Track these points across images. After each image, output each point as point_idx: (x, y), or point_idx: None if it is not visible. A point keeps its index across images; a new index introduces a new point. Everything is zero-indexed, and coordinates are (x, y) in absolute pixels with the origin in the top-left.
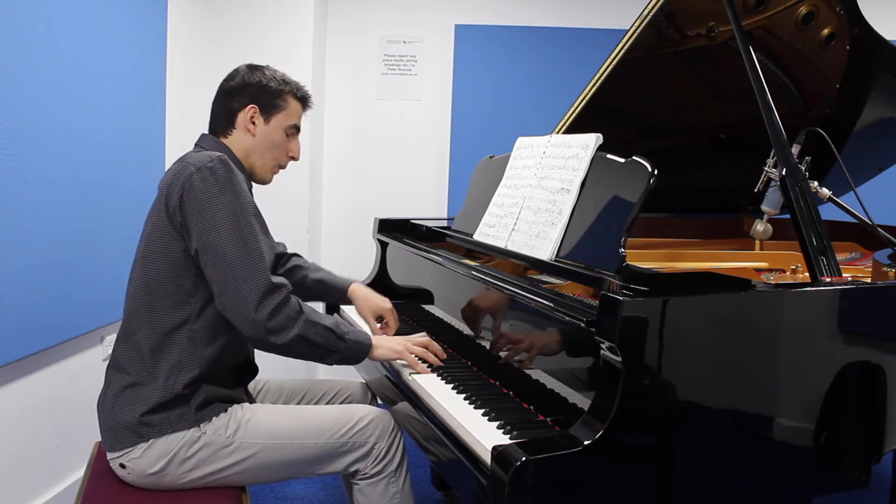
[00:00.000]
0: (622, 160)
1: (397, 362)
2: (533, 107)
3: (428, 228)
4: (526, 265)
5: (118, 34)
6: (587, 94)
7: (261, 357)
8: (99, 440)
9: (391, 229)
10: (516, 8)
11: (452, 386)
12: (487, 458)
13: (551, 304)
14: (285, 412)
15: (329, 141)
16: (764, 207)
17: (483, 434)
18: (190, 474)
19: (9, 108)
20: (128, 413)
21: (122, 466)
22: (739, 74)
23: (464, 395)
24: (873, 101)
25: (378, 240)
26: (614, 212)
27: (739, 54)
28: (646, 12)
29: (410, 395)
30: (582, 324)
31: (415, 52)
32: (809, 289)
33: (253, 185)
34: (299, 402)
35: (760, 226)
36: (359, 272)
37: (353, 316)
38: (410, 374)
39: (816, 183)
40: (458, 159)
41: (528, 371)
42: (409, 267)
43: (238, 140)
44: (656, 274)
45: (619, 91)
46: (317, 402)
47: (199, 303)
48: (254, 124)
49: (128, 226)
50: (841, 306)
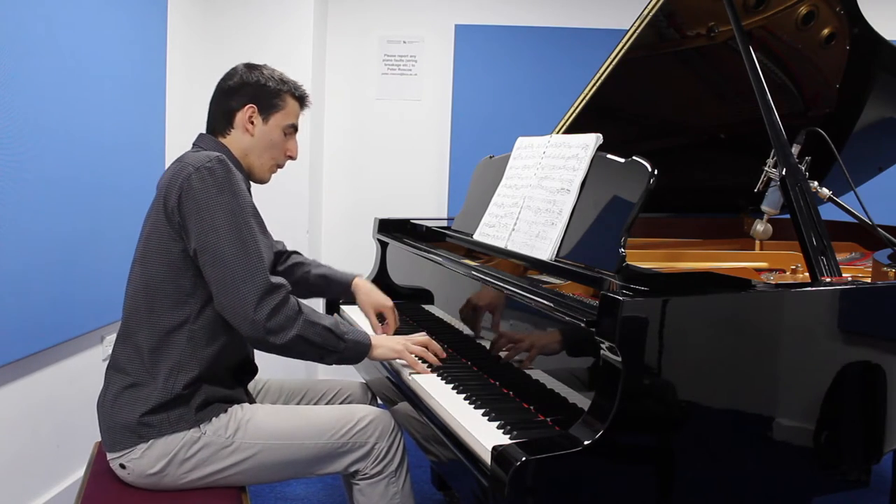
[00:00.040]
0: (622, 160)
1: (397, 362)
2: (533, 107)
3: (428, 228)
4: (526, 265)
5: (118, 34)
6: (587, 94)
7: (260, 357)
8: (99, 440)
9: (391, 229)
10: (516, 8)
11: (452, 386)
12: (487, 458)
13: (551, 304)
14: (285, 412)
15: (329, 141)
16: (764, 207)
17: (483, 434)
18: (190, 475)
19: (9, 108)
20: (127, 413)
21: (122, 467)
22: (739, 74)
23: (464, 395)
24: (873, 101)
25: (378, 240)
26: (614, 212)
27: (739, 54)
28: (646, 12)
29: (410, 395)
30: (582, 324)
31: (415, 52)
32: (809, 289)
33: (252, 185)
34: (299, 403)
35: (760, 226)
36: (359, 272)
37: (353, 316)
38: (410, 374)
39: (816, 183)
40: (458, 159)
41: (528, 371)
42: (409, 267)
43: (236, 140)
44: (656, 274)
45: (619, 91)
46: (317, 403)
47: (199, 303)
48: (252, 124)
49: (128, 226)
50: (841, 306)
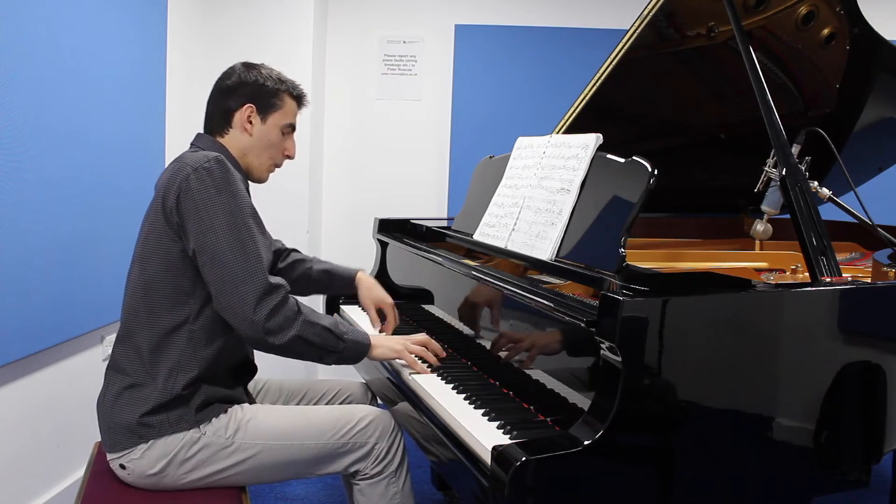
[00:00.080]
0: (622, 160)
1: (397, 362)
2: (533, 107)
3: (428, 228)
4: (526, 265)
5: (118, 34)
6: (587, 94)
7: (260, 357)
8: (99, 440)
9: (391, 229)
10: (516, 8)
11: (452, 386)
12: (487, 458)
13: (551, 304)
14: (285, 413)
15: (329, 141)
16: (764, 207)
17: (483, 434)
18: (190, 475)
19: (9, 108)
20: (127, 414)
21: (122, 467)
22: (739, 74)
23: (464, 395)
24: (873, 101)
25: (378, 240)
26: (614, 212)
27: (739, 54)
28: (646, 12)
29: (410, 396)
30: (582, 324)
31: (415, 52)
32: (809, 289)
33: (251, 185)
34: (299, 403)
35: (760, 226)
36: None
37: (353, 316)
38: (410, 374)
39: (816, 183)
40: (458, 159)
41: (528, 371)
42: (409, 267)
43: (235, 139)
44: (656, 274)
45: (619, 91)
46: (317, 403)
47: (198, 303)
48: (251, 123)
49: (128, 226)
50: (841, 306)
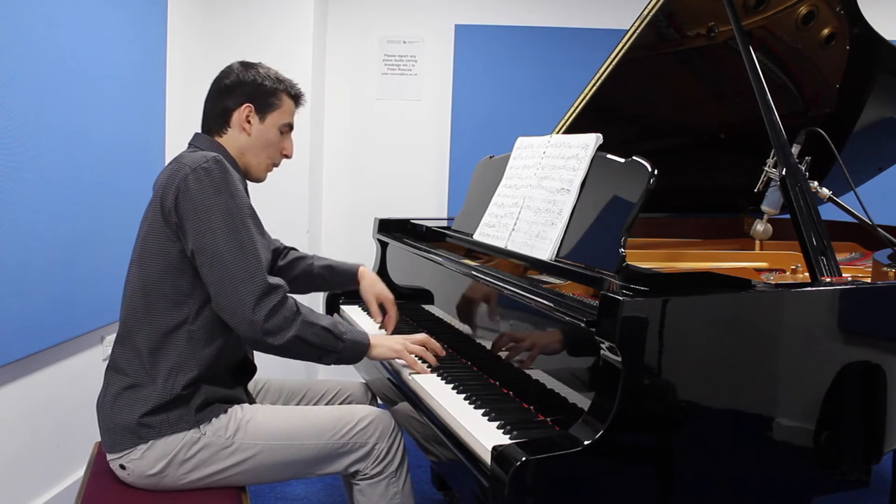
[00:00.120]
0: (622, 160)
1: (397, 362)
2: (533, 107)
3: (428, 228)
4: (526, 265)
5: (118, 34)
6: (587, 94)
7: (260, 357)
8: (99, 440)
9: (391, 229)
10: (516, 8)
11: (452, 386)
12: (487, 458)
13: (551, 304)
14: (285, 413)
15: (329, 141)
16: (764, 207)
17: (483, 434)
18: (190, 475)
19: (9, 108)
20: (127, 414)
21: (122, 467)
22: (739, 74)
23: (464, 395)
24: (873, 101)
25: (378, 240)
26: (614, 212)
27: (739, 54)
28: (646, 12)
29: (410, 396)
30: (582, 324)
31: (415, 52)
32: (809, 289)
33: (250, 185)
34: (299, 403)
35: (760, 226)
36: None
37: (353, 316)
38: (410, 374)
39: (816, 183)
40: (458, 159)
41: (528, 371)
42: (409, 267)
43: (233, 139)
44: (656, 274)
45: (619, 91)
46: (317, 403)
47: (197, 303)
48: (249, 123)
49: (128, 226)
50: (841, 306)
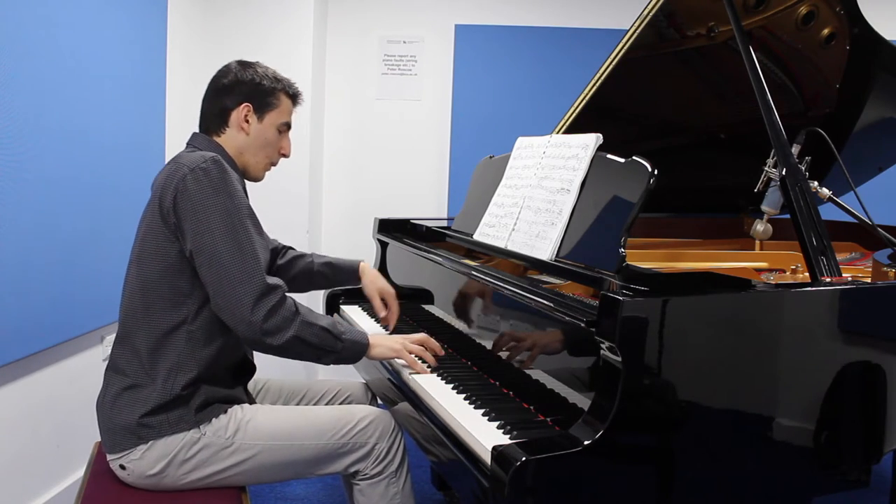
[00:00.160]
0: (622, 160)
1: (397, 362)
2: (533, 107)
3: (428, 228)
4: (526, 265)
5: (118, 34)
6: (587, 94)
7: (259, 356)
8: (99, 440)
9: (391, 229)
10: (516, 8)
11: (452, 386)
12: (487, 458)
13: (551, 304)
14: (285, 413)
15: (329, 141)
16: (764, 207)
17: (483, 434)
18: (190, 475)
19: (9, 108)
20: (127, 415)
21: (122, 468)
22: (739, 74)
23: (464, 395)
24: (873, 101)
25: (378, 240)
26: (614, 212)
27: (739, 54)
28: (646, 12)
29: (410, 396)
30: (582, 324)
31: (415, 52)
32: (809, 289)
33: (250, 185)
34: (299, 403)
35: (760, 226)
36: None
37: (353, 316)
38: (410, 374)
39: (816, 183)
40: (458, 159)
41: (528, 371)
42: (409, 267)
43: (231, 138)
44: (656, 274)
45: (619, 91)
46: (317, 403)
47: (196, 304)
48: (248, 122)
49: (128, 226)
50: (841, 306)
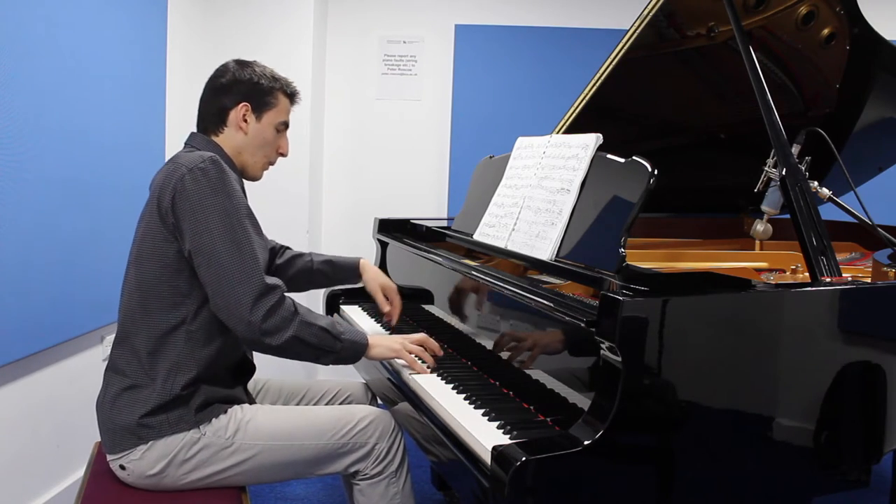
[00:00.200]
0: (622, 160)
1: (397, 362)
2: (533, 107)
3: (428, 228)
4: (526, 265)
5: (118, 34)
6: (587, 94)
7: (259, 356)
8: (99, 441)
9: (391, 229)
10: (516, 8)
11: (452, 386)
12: (487, 458)
13: (551, 304)
14: (285, 413)
15: (329, 141)
16: (764, 207)
17: (483, 434)
18: (190, 475)
19: (9, 108)
20: (127, 415)
21: (122, 468)
22: (739, 74)
23: (464, 395)
24: (873, 101)
25: (378, 240)
26: (614, 212)
27: (739, 54)
28: (646, 12)
29: (410, 396)
30: (582, 324)
31: (415, 52)
32: (809, 289)
33: (249, 185)
34: (299, 403)
35: (760, 226)
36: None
37: (353, 316)
38: (410, 374)
39: (816, 183)
40: (458, 159)
41: (528, 371)
42: (409, 267)
43: (229, 138)
44: (656, 274)
45: (619, 91)
46: (317, 403)
47: (195, 304)
48: (246, 122)
49: (128, 226)
50: (841, 306)
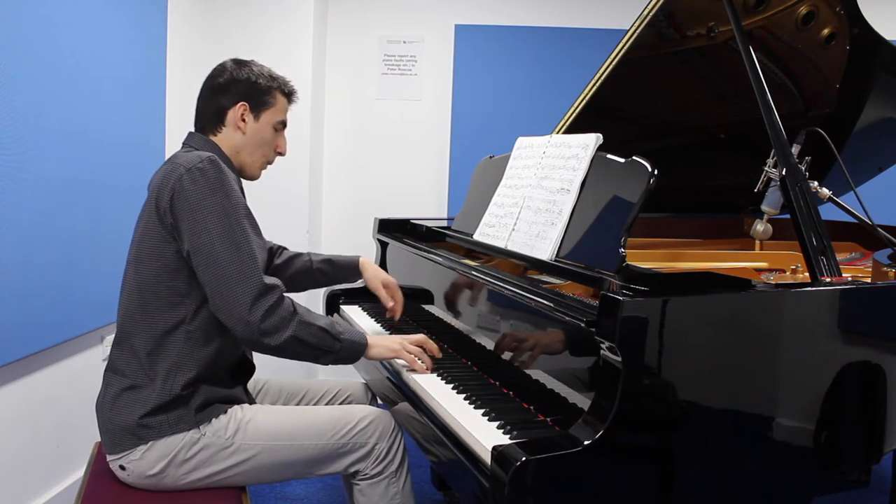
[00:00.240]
0: (622, 160)
1: (397, 362)
2: (533, 107)
3: (428, 228)
4: (526, 265)
5: (118, 34)
6: (587, 94)
7: (259, 356)
8: (99, 441)
9: (391, 229)
10: (516, 8)
11: (452, 386)
12: (487, 458)
13: (551, 304)
14: (285, 413)
15: (329, 141)
16: (764, 207)
17: (483, 434)
18: (190, 475)
19: (9, 108)
20: (126, 415)
21: (122, 468)
22: (739, 74)
23: (464, 395)
24: (873, 101)
25: (378, 240)
26: (614, 212)
27: (739, 54)
28: (646, 12)
29: (410, 396)
30: (582, 324)
31: (415, 52)
32: (809, 289)
33: (245, 184)
34: (299, 403)
35: (760, 226)
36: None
37: (353, 316)
38: (410, 374)
39: (816, 183)
40: (458, 159)
41: (528, 371)
42: (409, 267)
43: (228, 137)
44: (656, 274)
45: (619, 91)
46: (317, 403)
47: (195, 304)
48: (244, 122)
49: (127, 226)
50: (841, 306)
